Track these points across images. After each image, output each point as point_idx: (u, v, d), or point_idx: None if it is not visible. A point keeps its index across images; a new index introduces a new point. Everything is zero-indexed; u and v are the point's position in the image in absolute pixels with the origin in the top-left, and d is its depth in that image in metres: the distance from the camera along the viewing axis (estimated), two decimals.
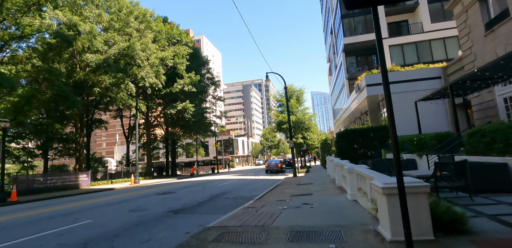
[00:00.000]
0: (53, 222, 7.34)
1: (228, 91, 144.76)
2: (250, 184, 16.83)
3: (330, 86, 51.27)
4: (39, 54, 22.78)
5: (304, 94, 26.55)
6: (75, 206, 10.45)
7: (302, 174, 22.34)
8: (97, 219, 7.30)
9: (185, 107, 30.32)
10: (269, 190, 12.31)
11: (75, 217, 7.77)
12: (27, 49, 22.40)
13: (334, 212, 6.23)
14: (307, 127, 25.12)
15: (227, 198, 10.87)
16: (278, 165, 31.18)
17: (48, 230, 6.30)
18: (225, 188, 14.73)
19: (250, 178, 21.91)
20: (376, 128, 17.49)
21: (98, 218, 7.44)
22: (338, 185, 11.70)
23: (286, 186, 13.49)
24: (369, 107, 24.86)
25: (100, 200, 12.09)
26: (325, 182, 13.78)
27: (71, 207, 10.18)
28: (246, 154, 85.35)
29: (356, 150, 17.61)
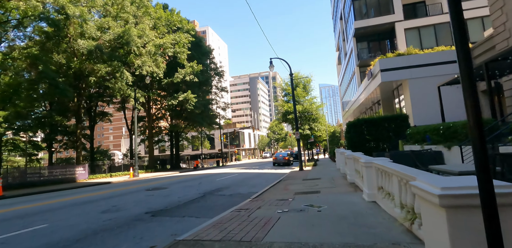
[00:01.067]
0: (2, 226, 6.07)
1: (235, 83, 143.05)
2: (252, 178, 15.45)
3: (339, 77, 49.17)
4: (37, 44, 21.76)
5: (312, 83, 24.75)
6: (47, 204, 9.25)
7: (309, 167, 20.85)
8: (54, 223, 6.01)
9: (187, 97, 28.95)
10: (271, 186, 10.88)
11: (33, 220, 6.50)
12: (25, 38, 21.36)
13: (348, 219, 4.74)
14: (315, 117, 23.45)
15: (221, 195, 9.49)
16: (285, 158, 29.85)
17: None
18: (223, 183, 13.38)
19: (254, 172, 20.56)
20: (392, 118, 15.77)
21: (56, 222, 6.15)
22: (350, 181, 10.17)
23: (290, 182, 12.04)
24: (382, 96, 23.03)
25: (81, 197, 10.88)
26: (334, 177, 12.27)
27: (43, 206, 8.98)
28: (252, 147, 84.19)
29: (368, 141, 15.97)
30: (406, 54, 17.81)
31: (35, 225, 5.91)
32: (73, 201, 9.75)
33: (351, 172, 10.19)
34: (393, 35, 24.99)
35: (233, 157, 67.53)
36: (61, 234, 5.07)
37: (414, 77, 17.03)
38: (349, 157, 10.27)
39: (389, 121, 15.79)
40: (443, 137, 9.94)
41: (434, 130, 10.67)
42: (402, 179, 3.89)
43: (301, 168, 18.07)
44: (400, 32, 23.86)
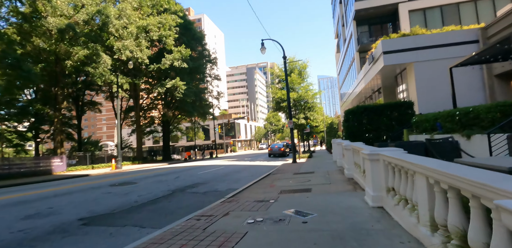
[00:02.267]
0: None
1: (232, 73, 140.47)
2: (238, 171, 13.89)
3: (337, 65, 47.29)
4: (15, 27, 19.86)
5: (308, 69, 22.93)
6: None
7: (304, 159, 19.33)
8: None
9: (175, 84, 27.10)
10: (255, 181, 9.33)
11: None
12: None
13: (347, 242, 3.13)
14: (311, 106, 21.78)
15: (193, 193, 7.91)
16: (281, 149, 28.44)
17: None
18: (204, 177, 11.81)
19: (243, 164, 19.03)
20: (395, 105, 14.12)
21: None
22: (347, 176, 8.60)
23: (279, 176, 10.47)
24: (383, 82, 21.33)
25: (22, 195, 9.21)
26: (330, 172, 10.72)
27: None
28: (249, 138, 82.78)
29: (368, 131, 14.37)
30: (411, 34, 16.02)
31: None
32: (7, 201, 8.09)
33: (350, 165, 8.61)
34: (396, 18, 23.05)
35: (228, 149, 66.09)
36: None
37: (420, 60, 15.31)
38: (348, 148, 8.67)
39: (392, 108, 14.16)
40: (459, 125, 8.33)
41: (447, 116, 9.04)
42: (441, 182, 2.27)
43: (294, 160, 16.52)
44: (404, 14, 21.90)
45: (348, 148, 8.74)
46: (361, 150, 5.98)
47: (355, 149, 7.72)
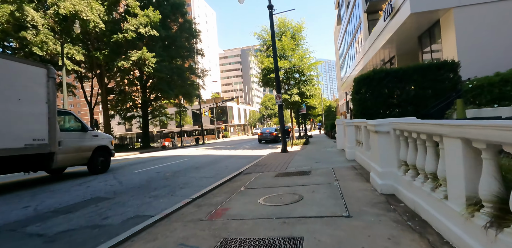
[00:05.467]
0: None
1: (225, 56, 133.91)
2: (198, 168, 9.52)
3: (338, 39, 42.10)
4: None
5: (304, 32, 18.05)
6: None
7: (298, 147, 14.98)
8: None
9: (143, 57, 22.18)
10: (195, 197, 4.93)
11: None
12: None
13: None
14: (307, 79, 17.18)
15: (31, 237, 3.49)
16: (272, 134, 24.15)
17: None
18: (128, 182, 7.39)
19: (219, 154, 14.67)
20: (430, 67, 9.58)
21: None
22: (382, 190, 4.13)
23: (250, 181, 6.11)
24: (400, 48, 16.65)
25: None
26: (336, 168, 6.35)
27: None
28: (242, 123, 78.41)
29: (391, 106, 9.94)
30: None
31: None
32: None
33: (382, 160, 4.13)
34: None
35: (220, 134, 61.78)
36: None
37: (465, 4, 10.62)
38: (379, 130, 4.11)
39: (425, 72, 9.67)
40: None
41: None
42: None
43: (284, 149, 12.12)
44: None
45: (379, 127, 4.24)
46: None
47: (405, 128, 3.22)
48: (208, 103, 60.98)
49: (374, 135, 4.16)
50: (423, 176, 2.91)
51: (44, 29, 18.59)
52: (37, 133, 7.17)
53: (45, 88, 7.52)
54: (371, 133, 4.38)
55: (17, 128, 6.71)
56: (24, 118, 6.91)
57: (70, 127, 8.95)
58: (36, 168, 7.82)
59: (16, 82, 6.82)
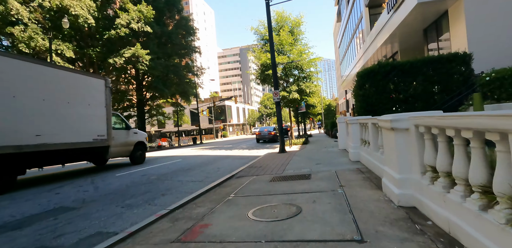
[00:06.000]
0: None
1: (224, 55, 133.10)
2: (187, 170, 8.76)
3: (338, 37, 41.36)
4: None
5: (303, 27, 17.25)
6: None
7: (297, 147, 14.22)
8: None
9: (136, 53, 21.38)
10: (175, 207, 4.17)
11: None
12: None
13: None
14: (307, 75, 16.40)
15: None
16: (271, 133, 23.34)
17: None
18: (107, 187, 6.62)
19: (214, 154, 13.90)
20: (441, 60, 8.80)
21: None
22: (401, 203, 3.35)
23: (242, 186, 5.36)
24: (403, 43, 15.86)
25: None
26: (340, 172, 5.59)
27: None
28: (241, 122, 77.63)
29: (398, 102, 9.17)
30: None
31: None
32: None
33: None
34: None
35: (219, 133, 60.99)
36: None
37: None
38: (392, 126, 3.34)
39: (434, 65, 8.91)
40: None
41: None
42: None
43: (282, 149, 11.36)
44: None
45: (390, 123, 3.48)
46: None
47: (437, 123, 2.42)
48: (206, 102, 60.16)
49: (388, 133, 3.39)
50: (463, 188, 2.14)
51: (32, 24, 17.79)
52: (100, 130, 9.07)
53: (104, 95, 9.47)
54: (384, 131, 3.61)
55: (88, 126, 8.65)
56: (92, 118, 8.85)
57: (118, 126, 10.60)
58: (94, 159, 9.87)
59: (86, 91, 8.82)
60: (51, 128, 7.46)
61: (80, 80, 8.66)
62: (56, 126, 7.62)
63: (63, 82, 8.05)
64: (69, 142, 7.92)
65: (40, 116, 7.18)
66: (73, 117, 8.15)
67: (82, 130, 8.36)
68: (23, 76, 6.85)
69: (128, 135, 10.78)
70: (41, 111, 7.24)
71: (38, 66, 7.37)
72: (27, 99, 6.87)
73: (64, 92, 8.05)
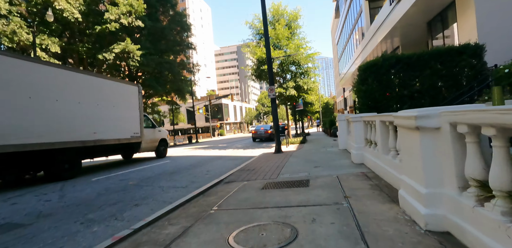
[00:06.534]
0: None
1: (221, 53, 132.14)
2: (173, 173, 7.99)
3: (336, 33, 40.57)
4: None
5: (301, 21, 16.43)
6: None
7: (294, 146, 13.47)
8: None
9: (126, 49, 20.49)
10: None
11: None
12: None
13: None
14: (304, 71, 15.61)
15: None
16: (267, 132, 22.58)
17: None
18: (74, 197, 5.82)
19: (207, 155, 13.12)
20: (450, 52, 8.04)
21: None
22: (419, 210, 2.57)
23: (222, 197, 4.57)
24: (405, 37, 15.12)
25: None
26: (343, 177, 4.83)
27: None
28: (238, 120, 76.84)
29: (403, 98, 8.40)
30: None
31: None
32: None
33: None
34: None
35: (215, 132, 60.19)
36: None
37: None
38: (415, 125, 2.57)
39: (443, 58, 8.17)
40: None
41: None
42: None
43: (278, 149, 10.59)
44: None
45: (411, 121, 2.70)
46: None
47: None
48: (203, 100, 59.28)
49: (410, 134, 2.62)
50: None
51: (15, 18, 16.86)
52: (135, 129, 10.75)
53: (137, 99, 11.27)
54: (403, 130, 2.84)
55: (127, 126, 10.34)
56: (130, 119, 10.55)
57: (146, 125, 12.10)
58: (127, 153, 11.69)
59: (125, 97, 10.56)
60: (103, 127, 9.15)
61: (121, 88, 10.45)
62: (106, 126, 9.31)
63: (110, 90, 9.82)
64: (115, 138, 9.67)
65: (95, 118, 8.93)
66: (117, 118, 9.87)
67: (123, 128, 10.12)
68: (86, 87, 8.76)
69: (154, 133, 12.45)
70: (96, 114, 8.98)
71: (94, 78, 9.35)
72: (87, 105, 8.66)
73: (111, 98, 9.77)
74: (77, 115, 8.20)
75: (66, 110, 7.87)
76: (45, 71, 7.43)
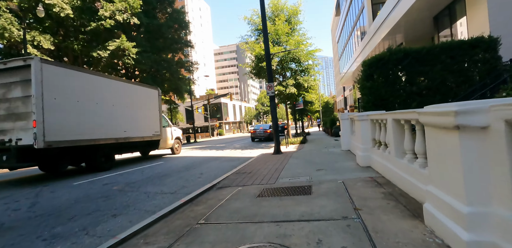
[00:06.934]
0: None
1: (221, 52, 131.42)
2: (161, 177, 7.42)
3: (336, 31, 40.00)
4: None
5: (301, 16, 15.82)
6: None
7: (294, 147, 12.89)
8: None
9: (121, 46, 19.89)
10: None
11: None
12: None
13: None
14: (304, 68, 15.03)
15: None
16: (267, 131, 22.00)
17: None
18: (47, 204, 5.24)
19: (203, 155, 12.55)
20: (462, 46, 7.46)
21: None
22: (459, 235, 1.98)
23: (212, 207, 4.00)
24: (409, 34, 14.57)
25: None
26: (349, 182, 4.25)
27: None
28: (238, 120, 76.25)
29: (411, 95, 7.83)
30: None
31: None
32: None
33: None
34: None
35: (215, 132, 59.60)
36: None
37: None
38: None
39: (455, 52, 7.59)
40: None
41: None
42: None
43: (277, 149, 10.01)
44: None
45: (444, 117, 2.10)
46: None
47: None
48: (202, 99, 58.68)
49: (445, 134, 2.04)
50: None
51: (5, 14, 16.27)
52: (156, 128, 11.90)
53: (157, 101, 12.44)
54: (433, 130, 2.26)
55: (150, 125, 11.47)
56: (151, 119, 11.67)
57: (164, 124, 13.13)
58: (147, 150, 12.61)
59: (148, 99, 11.69)
60: (131, 126, 10.34)
61: (144, 91, 11.66)
62: (133, 125, 10.50)
63: (136, 93, 11.00)
64: (140, 136, 10.87)
65: (125, 118, 10.11)
66: (142, 118, 11.09)
67: (146, 127, 11.31)
68: (117, 91, 9.95)
69: (171, 132, 13.72)
70: (126, 115, 10.17)
71: (123, 84, 10.49)
72: (119, 107, 9.89)
73: (137, 100, 10.97)
74: (112, 116, 9.49)
75: (104, 111, 9.15)
76: (87, 78, 8.71)
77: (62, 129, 7.46)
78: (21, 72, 7.19)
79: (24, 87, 7.17)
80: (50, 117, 7.18)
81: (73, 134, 7.81)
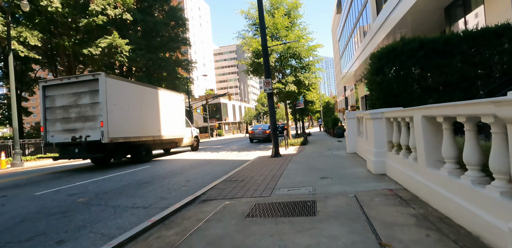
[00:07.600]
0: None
1: (221, 52, 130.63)
2: (139, 186, 6.47)
3: (337, 29, 39.08)
4: None
5: (302, 9, 14.87)
6: None
7: (294, 149, 11.94)
8: None
9: (114, 43, 18.98)
10: None
11: None
12: None
13: None
14: (305, 65, 14.07)
15: None
16: (265, 132, 21.00)
17: None
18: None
19: (193, 158, 11.60)
20: (486, 33, 6.53)
21: None
22: None
23: (187, 231, 3.02)
24: (417, 24, 13.63)
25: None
26: (364, 197, 3.31)
27: None
28: (238, 120, 75.31)
29: (428, 91, 6.88)
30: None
31: None
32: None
33: None
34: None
35: (214, 132, 58.62)
36: None
37: None
38: None
39: (478, 42, 6.65)
40: None
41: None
42: None
43: (276, 152, 9.05)
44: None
45: None
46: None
47: None
48: (201, 99, 57.75)
49: None
50: None
51: None
52: (181, 127, 13.85)
53: (182, 105, 14.38)
54: None
55: (176, 125, 13.46)
56: (178, 120, 13.69)
57: (186, 125, 14.63)
58: (172, 146, 13.96)
59: (176, 103, 13.67)
60: (164, 127, 12.19)
61: (173, 96, 13.44)
62: (166, 126, 12.34)
63: (166, 98, 12.75)
64: (169, 134, 12.67)
65: (159, 120, 11.88)
66: (171, 120, 12.93)
67: (174, 128, 13.11)
68: (153, 97, 11.75)
69: (191, 131, 15.36)
70: (159, 117, 11.94)
71: (157, 90, 12.22)
72: (154, 110, 11.72)
73: (167, 104, 12.68)
74: (150, 118, 11.35)
75: (145, 114, 11.03)
76: (133, 87, 10.73)
77: (118, 128, 9.43)
78: (89, 84, 9.18)
79: (92, 96, 9.17)
80: (111, 119, 9.15)
81: (125, 132, 9.80)
